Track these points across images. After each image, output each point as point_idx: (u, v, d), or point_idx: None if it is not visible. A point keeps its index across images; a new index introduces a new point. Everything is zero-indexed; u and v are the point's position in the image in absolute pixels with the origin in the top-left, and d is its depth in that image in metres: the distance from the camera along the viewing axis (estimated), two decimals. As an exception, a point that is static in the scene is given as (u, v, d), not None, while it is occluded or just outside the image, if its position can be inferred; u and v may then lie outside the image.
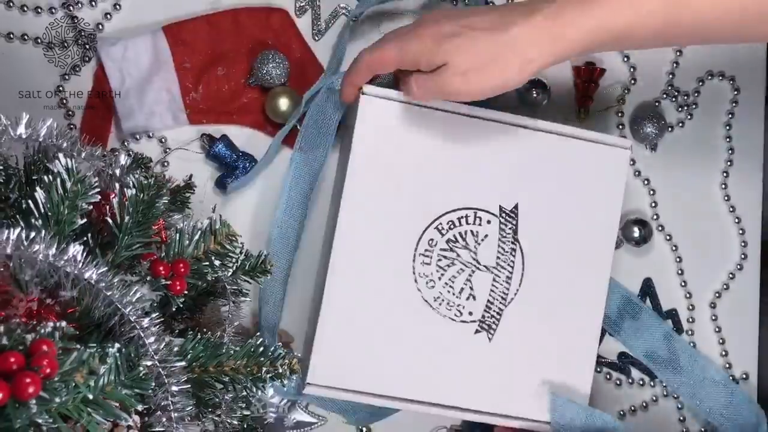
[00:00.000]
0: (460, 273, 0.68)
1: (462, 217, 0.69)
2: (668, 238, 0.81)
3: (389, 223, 0.68)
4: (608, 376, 0.79)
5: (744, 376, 0.81)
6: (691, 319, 0.81)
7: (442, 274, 0.68)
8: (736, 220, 0.82)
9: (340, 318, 0.67)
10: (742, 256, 0.82)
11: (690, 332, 0.81)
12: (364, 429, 0.76)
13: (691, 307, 0.81)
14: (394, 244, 0.68)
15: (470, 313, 0.69)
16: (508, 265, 0.69)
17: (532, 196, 0.69)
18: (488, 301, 0.69)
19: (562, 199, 0.70)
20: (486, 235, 0.69)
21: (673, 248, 0.81)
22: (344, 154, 0.72)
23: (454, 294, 0.68)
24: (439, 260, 0.68)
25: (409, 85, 0.64)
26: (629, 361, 0.79)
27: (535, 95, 0.78)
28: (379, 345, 0.68)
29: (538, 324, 0.69)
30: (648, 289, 0.80)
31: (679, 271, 0.81)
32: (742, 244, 0.82)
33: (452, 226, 0.68)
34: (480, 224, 0.69)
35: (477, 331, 0.69)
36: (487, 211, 0.69)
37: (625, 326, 0.78)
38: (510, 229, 0.69)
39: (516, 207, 0.69)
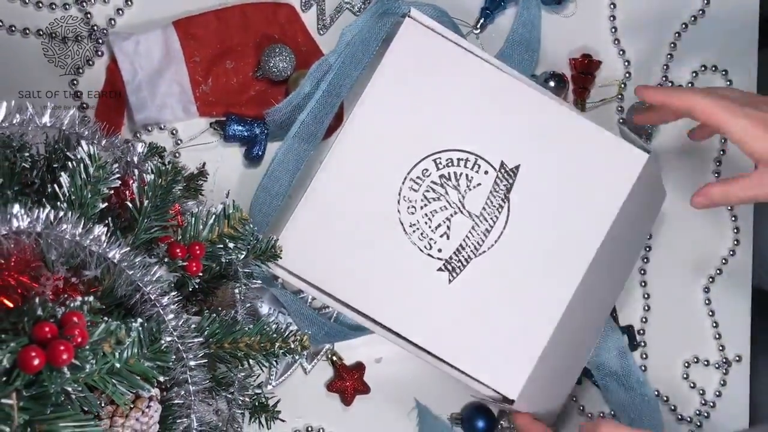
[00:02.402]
0: (442, 210, 0.69)
1: (462, 159, 0.70)
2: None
3: (392, 141, 0.70)
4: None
5: (737, 358, 0.83)
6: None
7: (425, 205, 0.69)
8: (729, 207, 0.84)
9: (317, 210, 0.69)
10: (735, 242, 0.84)
11: (644, 353, 0.82)
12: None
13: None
14: (389, 162, 0.70)
15: (439, 250, 0.69)
16: (491, 218, 0.69)
17: (537, 164, 0.70)
18: (460, 245, 0.69)
19: (566, 177, 0.70)
20: (479, 184, 0.70)
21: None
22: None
23: (430, 227, 0.69)
24: (427, 191, 0.69)
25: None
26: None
27: (552, 85, 0.80)
28: (345, 250, 0.69)
29: (500, 285, 0.69)
30: None
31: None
32: (735, 230, 0.84)
33: (450, 164, 0.70)
34: (477, 171, 0.70)
35: (440, 269, 0.69)
36: (489, 162, 0.70)
37: None
38: (504, 186, 0.69)
39: (517, 168, 0.70)
